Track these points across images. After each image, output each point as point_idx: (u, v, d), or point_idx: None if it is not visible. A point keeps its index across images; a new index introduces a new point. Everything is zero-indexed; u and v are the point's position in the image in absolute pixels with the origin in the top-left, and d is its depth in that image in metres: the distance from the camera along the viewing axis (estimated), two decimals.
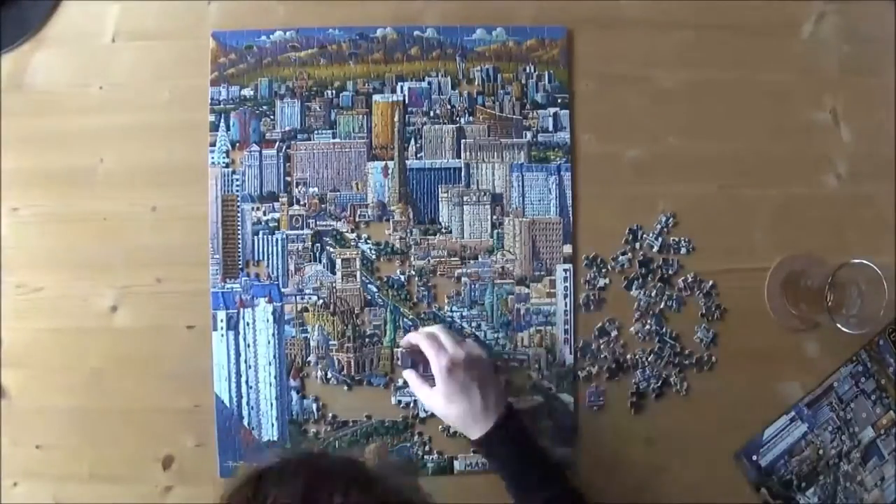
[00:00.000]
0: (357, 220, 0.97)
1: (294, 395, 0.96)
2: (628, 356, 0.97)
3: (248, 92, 0.97)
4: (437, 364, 0.85)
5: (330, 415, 0.96)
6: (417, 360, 0.91)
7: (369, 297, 0.97)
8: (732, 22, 1.00)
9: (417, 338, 0.89)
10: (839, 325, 0.88)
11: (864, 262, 0.89)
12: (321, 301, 0.97)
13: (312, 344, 0.96)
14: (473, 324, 0.97)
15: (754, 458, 0.98)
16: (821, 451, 0.98)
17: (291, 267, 0.97)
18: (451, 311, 0.97)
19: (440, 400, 0.85)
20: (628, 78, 1.00)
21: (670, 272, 0.98)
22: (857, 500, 0.98)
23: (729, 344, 0.99)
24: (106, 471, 0.96)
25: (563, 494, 0.82)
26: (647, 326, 0.97)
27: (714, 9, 1.00)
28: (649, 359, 0.97)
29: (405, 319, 0.97)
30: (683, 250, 0.98)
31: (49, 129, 0.98)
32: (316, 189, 0.97)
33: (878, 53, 1.01)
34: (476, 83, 0.98)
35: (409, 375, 0.92)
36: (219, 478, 0.95)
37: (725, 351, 0.99)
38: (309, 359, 0.96)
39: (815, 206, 1.00)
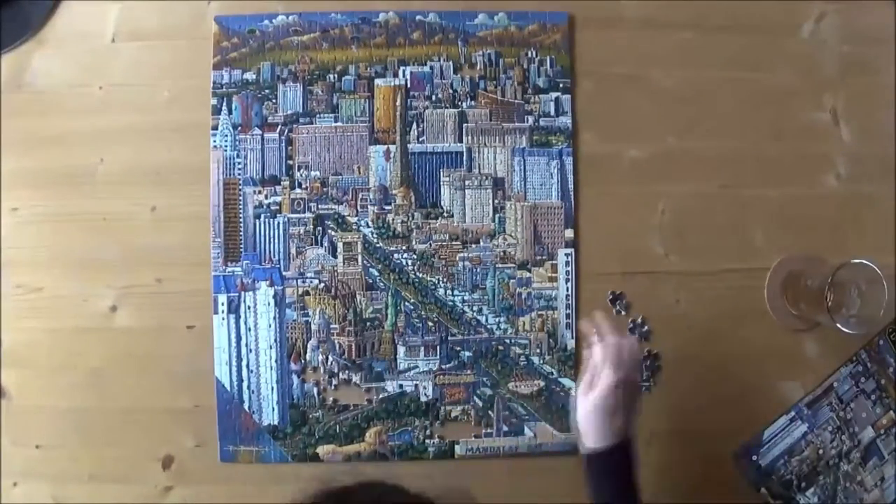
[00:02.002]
0: (359, 203, 0.98)
1: (295, 378, 0.96)
2: None
3: (250, 76, 0.98)
4: (607, 378, 0.81)
5: (331, 399, 0.96)
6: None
7: (370, 281, 0.97)
8: (732, 22, 1.00)
9: (603, 335, 0.85)
10: (839, 325, 0.88)
11: (864, 262, 0.89)
12: (322, 285, 0.97)
13: (313, 328, 0.97)
14: (475, 308, 0.97)
15: (754, 458, 0.98)
16: (821, 451, 0.98)
17: (293, 250, 0.97)
18: (453, 294, 0.97)
19: (590, 406, 0.81)
20: (628, 78, 1.00)
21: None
22: (857, 500, 0.98)
23: (729, 344, 0.99)
24: (106, 471, 0.96)
25: None
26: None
27: (714, 9, 1.00)
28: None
29: (406, 303, 0.97)
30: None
31: (49, 129, 0.98)
32: (318, 173, 0.98)
33: (878, 53, 1.02)
34: (478, 68, 0.99)
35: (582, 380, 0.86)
36: (220, 463, 0.96)
37: (725, 351, 0.99)
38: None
39: (815, 206, 1.00)
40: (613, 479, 0.82)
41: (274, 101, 0.98)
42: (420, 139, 0.98)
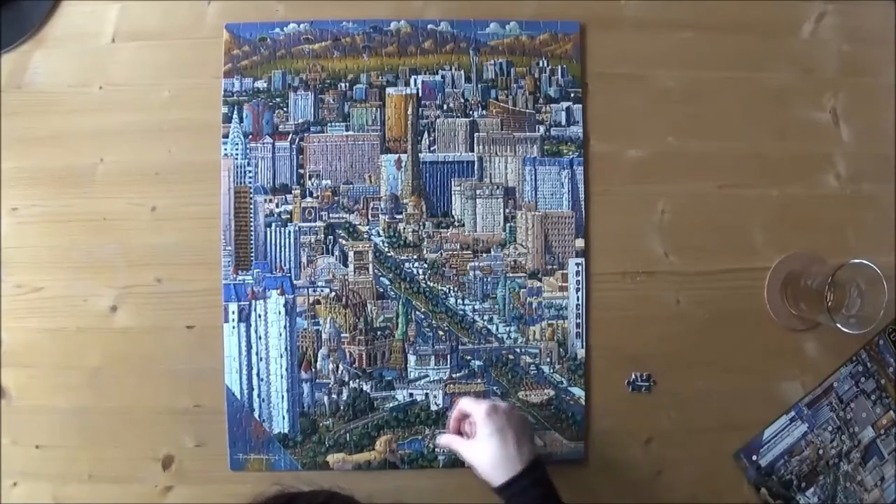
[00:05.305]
0: (370, 212, 0.98)
1: (305, 387, 0.96)
2: None
3: (261, 84, 0.98)
4: (478, 409, 0.84)
5: (341, 408, 0.96)
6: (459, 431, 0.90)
7: (381, 290, 0.97)
8: (732, 22, 1.00)
9: (461, 402, 0.89)
10: (839, 325, 0.88)
11: (864, 262, 0.89)
12: (333, 293, 0.97)
13: (324, 336, 0.97)
14: (486, 317, 0.97)
15: (754, 458, 0.98)
16: (821, 451, 0.98)
17: (304, 259, 0.97)
18: (464, 303, 0.97)
19: (475, 444, 0.84)
20: (628, 78, 1.00)
21: None
22: (857, 500, 0.98)
23: (729, 344, 0.99)
24: (106, 471, 0.96)
25: None
26: None
27: (714, 9, 1.00)
28: None
29: (417, 312, 0.97)
30: None
31: (49, 129, 0.98)
32: (329, 181, 0.98)
33: (878, 53, 1.02)
34: (489, 77, 0.99)
35: (442, 437, 0.91)
36: (230, 470, 0.96)
37: (725, 351, 0.99)
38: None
39: (815, 206, 1.00)
40: (533, 496, 0.80)
41: (285, 109, 0.98)
42: (431, 148, 0.98)
